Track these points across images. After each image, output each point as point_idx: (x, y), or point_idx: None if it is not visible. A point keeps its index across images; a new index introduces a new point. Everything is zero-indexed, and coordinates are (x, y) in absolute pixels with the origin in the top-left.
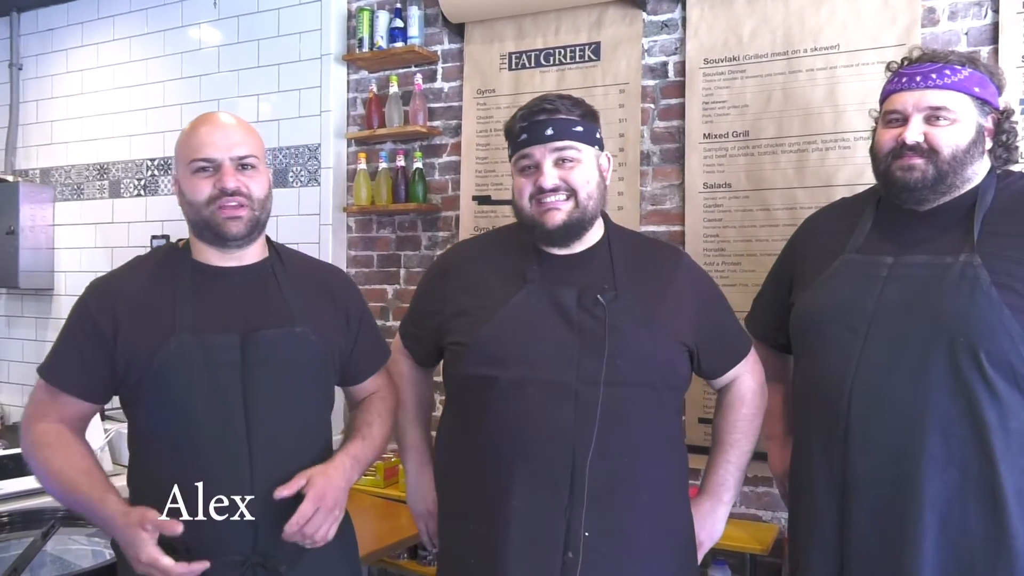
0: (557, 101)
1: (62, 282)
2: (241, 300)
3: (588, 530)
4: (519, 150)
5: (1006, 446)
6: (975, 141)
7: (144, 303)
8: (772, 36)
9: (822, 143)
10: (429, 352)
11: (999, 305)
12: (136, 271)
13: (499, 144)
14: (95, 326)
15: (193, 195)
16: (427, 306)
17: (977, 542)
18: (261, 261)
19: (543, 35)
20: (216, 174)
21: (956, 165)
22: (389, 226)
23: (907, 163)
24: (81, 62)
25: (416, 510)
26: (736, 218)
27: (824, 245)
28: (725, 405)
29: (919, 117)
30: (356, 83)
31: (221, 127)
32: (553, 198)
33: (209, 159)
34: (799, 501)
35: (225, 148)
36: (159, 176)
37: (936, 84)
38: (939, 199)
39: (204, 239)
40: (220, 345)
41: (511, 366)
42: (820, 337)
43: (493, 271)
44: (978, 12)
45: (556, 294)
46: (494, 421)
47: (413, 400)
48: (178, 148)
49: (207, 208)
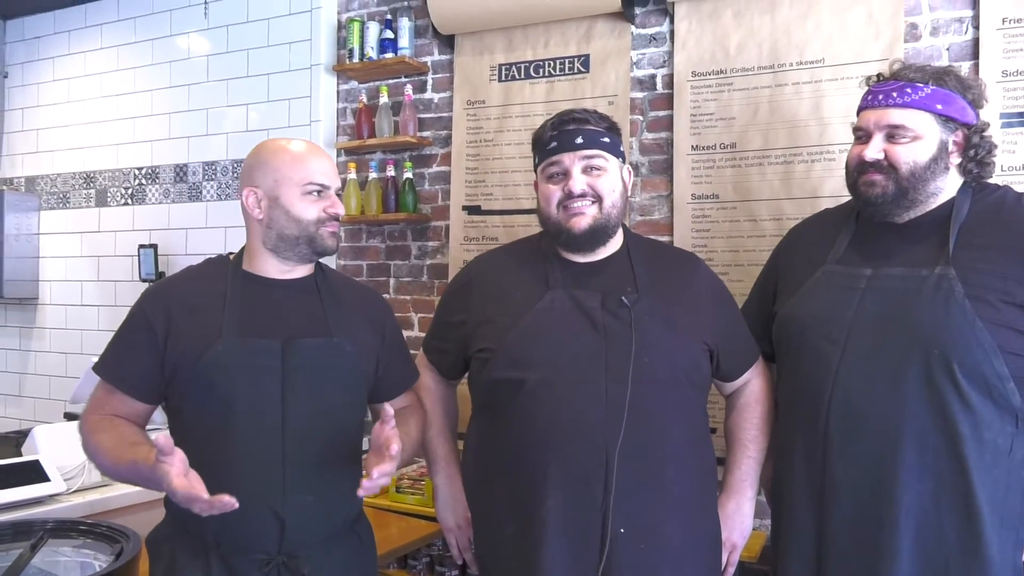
0: (585, 113)
1: (47, 291)
2: (285, 309)
3: (623, 527)
4: (548, 157)
5: (979, 456)
6: (936, 157)
7: (194, 308)
8: (759, 50)
9: (808, 155)
10: (454, 364)
11: (972, 317)
12: (189, 278)
13: (489, 155)
14: (149, 326)
15: (304, 214)
16: (451, 318)
17: (952, 550)
18: (307, 276)
19: (532, 47)
20: (322, 198)
21: (916, 181)
22: (379, 236)
23: (868, 179)
24: (68, 70)
25: (447, 523)
26: (724, 228)
27: (806, 255)
28: (741, 406)
29: (880, 135)
30: (346, 93)
31: (326, 157)
32: (580, 203)
33: (323, 185)
34: (780, 507)
35: (332, 177)
36: (146, 185)
37: (896, 103)
38: (907, 213)
39: (291, 253)
40: (262, 350)
41: (539, 368)
42: (800, 346)
43: (516, 279)
44: (959, 28)
45: (580, 298)
46: (525, 422)
47: (440, 413)
48: (283, 166)
49: (314, 226)
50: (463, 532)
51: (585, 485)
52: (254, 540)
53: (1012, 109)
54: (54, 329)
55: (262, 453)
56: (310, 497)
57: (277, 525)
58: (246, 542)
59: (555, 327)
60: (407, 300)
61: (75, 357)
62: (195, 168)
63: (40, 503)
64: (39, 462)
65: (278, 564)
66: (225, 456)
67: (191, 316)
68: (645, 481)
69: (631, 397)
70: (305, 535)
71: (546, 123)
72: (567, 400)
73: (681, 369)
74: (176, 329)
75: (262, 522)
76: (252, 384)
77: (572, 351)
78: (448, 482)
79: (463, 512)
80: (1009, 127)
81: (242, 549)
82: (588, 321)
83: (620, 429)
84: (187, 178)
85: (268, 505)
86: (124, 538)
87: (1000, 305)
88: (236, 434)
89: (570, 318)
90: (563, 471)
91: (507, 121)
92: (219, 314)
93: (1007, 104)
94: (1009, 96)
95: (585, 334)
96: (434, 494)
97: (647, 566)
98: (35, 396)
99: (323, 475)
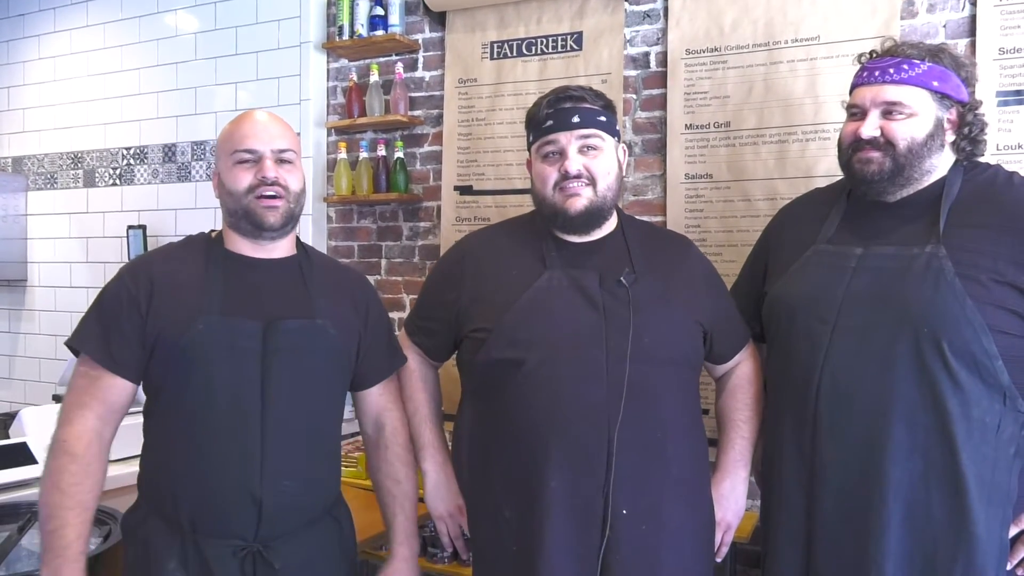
0: (581, 90)
1: (36, 272)
2: (267, 290)
3: (625, 508)
4: (544, 136)
5: (967, 434)
6: (933, 134)
7: (175, 285)
8: (753, 27)
9: (802, 134)
10: (442, 344)
11: (963, 296)
12: (169, 255)
13: (481, 134)
14: (132, 300)
15: (234, 184)
16: (441, 296)
17: (940, 528)
18: (290, 256)
19: (525, 24)
20: (256, 165)
21: (913, 158)
22: (370, 216)
23: (865, 156)
24: (54, 48)
25: (437, 511)
26: (717, 208)
27: (797, 234)
28: (733, 387)
29: (876, 112)
30: (336, 72)
31: (263, 122)
32: (576, 184)
33: (251, 150)
34: (770, 486)
35: (266, 141)
36: (135, 165)
37: (893, 79)
38: (901, 191)
39: (240, 230)
40: (243, 331)
41: (539, 348)
42: (791, 326)
43: (511, 258)
44: (956, 5)
45: (577, 278)
46: (525, 404)
47: (425, 398)
48: (220, 141)
49: (246, 197)
50: (455, 519)
51: (588, 466)
52: (230, 525)
53: (1008, 87)
54: (43, 311)
55: (240, 436)
56: (288, 482)
57: (254, 510)
58: (221, 527)
59: (554, 307)
60: (399, 281)
61: (64, 339)
62: (184, 148)
63: (27, 485)
64: (26, 444)
65: (253, 552)
66: (203, 438)
67: (171, 294)
68: (645, 461)
69: (630, 377)
70: (282, 521)
71: (541, 100)
72: (568, 381)
73: (679, 349)
74: (156, 306)
75: (239, 506)
76: (232, 365)
77: (572, 331)
78: (438, 468)
79: (455, 499)
80: (1005, 105)
81: (217, 534)
82: (587, 301)
83: (619, 408)
84: (176, 158)
85: (246, 489)
86: (112, 520)
87: (990, 284)
88: (214, 416)
89: (569, 298)
90: (566, 453)
91: (499, 100)
92: (199, 293)
93: (1003, 82)
94: (1006, 74)
95: (584, 314)
96: (424, 482)
97: (648, 547)
98: (24, 379)
99: (302, 460)
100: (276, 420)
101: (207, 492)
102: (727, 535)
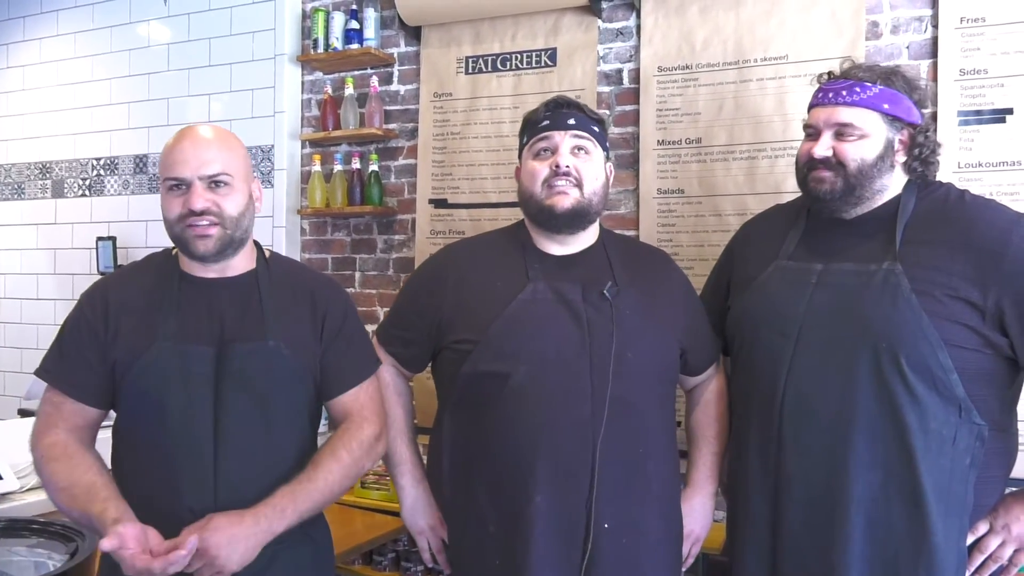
0: (579, 103)
1: (1, 284)
2: (220, 312)
3: (607, 522)
4: (539, 134)
5: (926, 446)
6: (883, 155)
7: (133, 310)
8: (724, 46)
9: (771, 151)
10: (418, 355)
11: (919, 311)
12: (129, 278)
13: (456, 148)
14: (91, 328)
15: (166, 212)
16: (420, 306)
17: (900, 538)
18: (246, 273)
19: (500, 40)
20: (187, 193)
21: (863, 178)
22: (344, 229)
23: (818, 175)
24: (23, 57)
25: (418, 525)
26: (689, 223)
27: (759, 250)
28: (704, 402)
29: (829, 132)
30: (311, 84)
31: (194, 144)
32: (563, 182)
33: (179, 178)
34: (735, 499)
35: (195, 167)
36: (104, 176)
37: (845, 101)
38: (855, 209)
39: (183, 253)
40: (196, 356)
41: (525, 361)
42: (754, 341)
43: (494, 269)
44: (919, 27)
45: (561, 290)
46: (512, 417)
47: (400, 411)
48: (160, 160)
49: (178, 225)
50: (436, 532)
51: (573, 482)
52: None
53: (969, 107)
54: (8, 323)
55: (195, 462)
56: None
57: None
58: None
59: (539, 319)
60: (373, 294)
61: (31, 352)
62: (155, 159)
63: None
64: None
65: None
66: (159, 463)
67: (128, 318)
68: (627, 475)
69: (612, 392)
70: None
71: (540, 105)
72: (555, 396)
73: (660, 364)
74: (115, 331)
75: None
76: (185, 392)
77: (557, 345)
78: (415, 483)
79: (434, 513)
80: (966, 124)
81: None
82: (571, 314)
83: (601, 423)
84: (147, 169)
85: (202, 515)
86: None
87: (945, 299)
88: (169, 442)
89: (553, 310)
90: (551, 469)
91: (474, 114)
92: (155, 317)
93: (964, 102)
94: (966, 94)
95: (569, 327)
96: (400, 498)
97: (629, 559)
98: None
99: (259, 484)
100: (230, 445)
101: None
102: (695, 547)
